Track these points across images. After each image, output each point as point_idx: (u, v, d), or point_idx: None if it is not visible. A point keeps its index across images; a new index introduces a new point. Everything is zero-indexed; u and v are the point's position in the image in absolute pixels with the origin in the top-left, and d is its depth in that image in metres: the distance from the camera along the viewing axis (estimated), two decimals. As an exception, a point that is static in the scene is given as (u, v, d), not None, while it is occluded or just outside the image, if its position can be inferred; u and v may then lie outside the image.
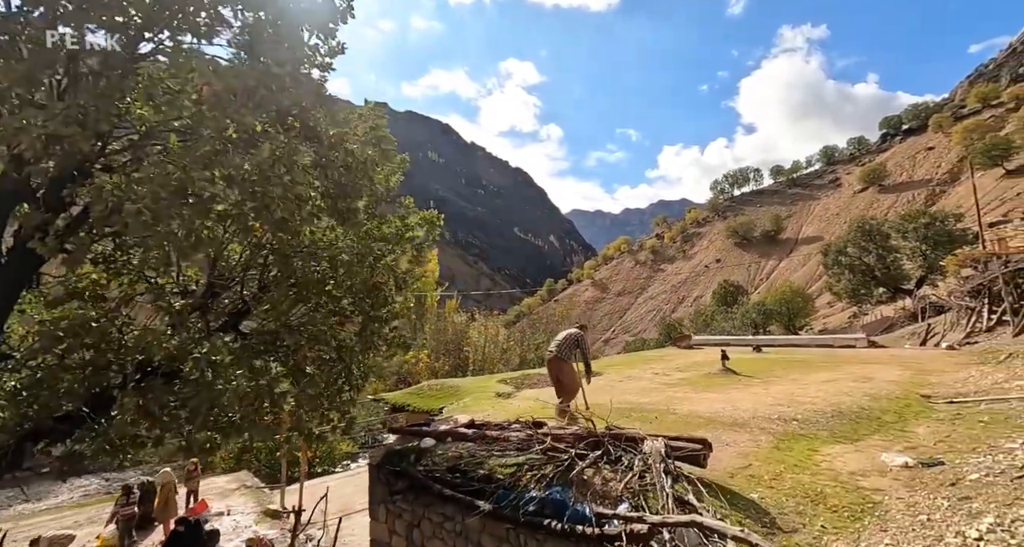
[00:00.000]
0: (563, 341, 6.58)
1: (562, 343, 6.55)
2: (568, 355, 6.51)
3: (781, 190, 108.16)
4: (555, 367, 6.49)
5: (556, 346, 6.54)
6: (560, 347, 6.52)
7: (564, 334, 6.69)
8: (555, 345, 6.57)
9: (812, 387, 8.04)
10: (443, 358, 32.81)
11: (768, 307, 40.10)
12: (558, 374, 6.48)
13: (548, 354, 6.57)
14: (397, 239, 6.57)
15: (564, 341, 6.57)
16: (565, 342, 6.55)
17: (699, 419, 5.99)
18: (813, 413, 6.07)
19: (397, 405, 9.00)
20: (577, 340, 6.60)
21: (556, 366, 6.47)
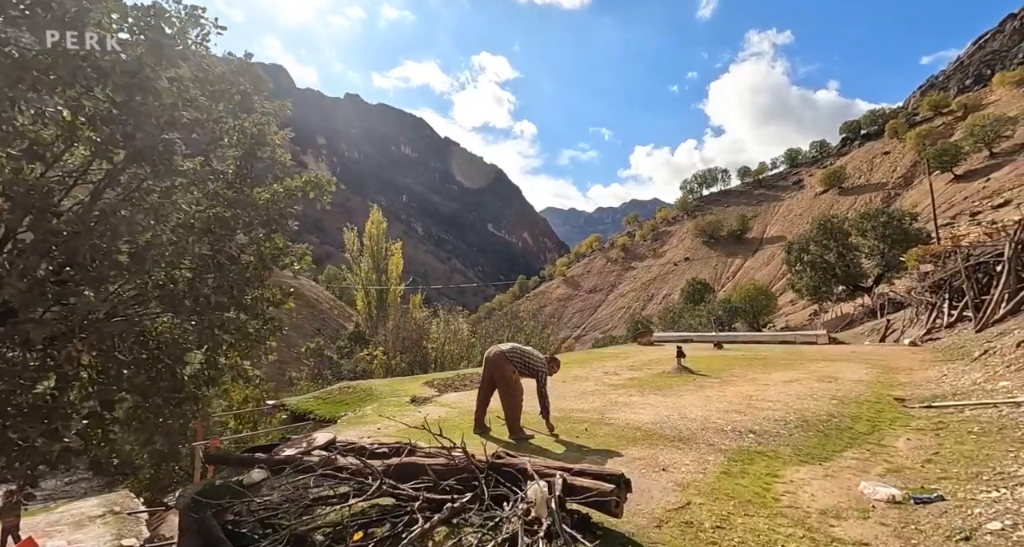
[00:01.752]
0: (523, 353, 5.17)
1: (521, 354, 5.15)
2: (520, 363, 5.08)
3: (747, 191, 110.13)
4: (495, 367, 5.12)
5: (510, 350, 5.16)
6: (516, 353, 5.12)
7: (530, 351, 5.24)
8: (510, 347, 5.22)
9: (773, 388, 7.05)
10: (400, 355, 31.25)
11: (734, 305, 40.18)
12: (492, 371, 5.11)
13: (491, 350, 5.23)
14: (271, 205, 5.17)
15: (523, 353, 5.17)
16: (525, 355, 5.15)
17: (636, 432, 4.84)
18: (773, 423, 5.01)
19: (299, 412, 7.61)
20: (537, 372, 5.13)
21: (496, 366, 5.10)
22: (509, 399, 4.97)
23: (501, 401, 5.01)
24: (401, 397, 7.28)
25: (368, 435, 4.81)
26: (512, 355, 5.08)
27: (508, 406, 4.98)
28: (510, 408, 4.97)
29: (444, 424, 5.40)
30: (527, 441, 4.71)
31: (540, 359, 5.24)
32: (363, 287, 42.63)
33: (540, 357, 5.27)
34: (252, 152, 5.29)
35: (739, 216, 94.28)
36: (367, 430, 5.02)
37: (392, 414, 6.04)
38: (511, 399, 4.97)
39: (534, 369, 5.11)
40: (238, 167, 5.31)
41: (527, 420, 5.37)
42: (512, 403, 4.97)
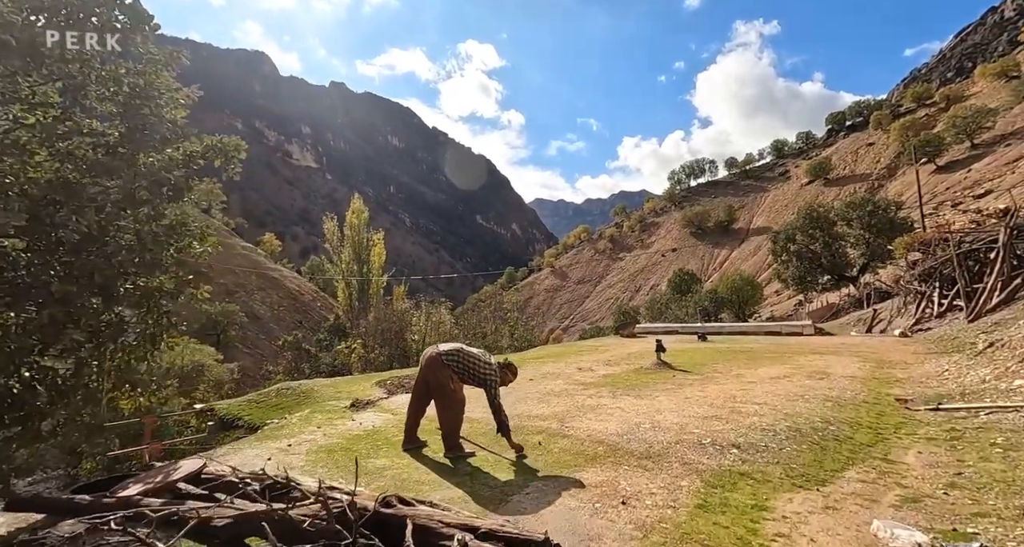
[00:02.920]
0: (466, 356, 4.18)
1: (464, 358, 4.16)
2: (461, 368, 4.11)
3: (734, 182, 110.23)
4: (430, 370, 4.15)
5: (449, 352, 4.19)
6: (456, 356, 4.15)
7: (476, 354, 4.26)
8: (456, 347, 4.26)
9: (759, 387, 6.31)
10: (379, 349, 30.31)
11: (720, 295, 39.90)
12: (427, 375, 4.15)
13: (433, 348, 4.25)
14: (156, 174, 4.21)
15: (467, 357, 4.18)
16: (468, 359, 4.16)
17: (598, 447, 4.03)
18: (760, 433, 4.24)
19: (228, 418, 6.71)
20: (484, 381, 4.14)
21: (431, 369, 4.13)
22: (445, 411, 4.10)
23: (437, 411, 4.14)
24: (341, 401, 6.40)
25: (271, 455, 3.94)
26: (451, 359, 4.13)
27: (444, 418, 4.11)
28: (447, 420, 4.10)
29: (375, 437, 4.55)
30: (465, 460, 3.87)
31: (489, 365, 4.21)
32: (344, 278, 41.47)
33: (489, 363, 4.25)
34: (133, 107, 4.31)
35: (726, 207, 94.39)
36: (273, 449, 4.15)
37: (320, 423, 5.17)
38: (447, 411, 4.09)
39: (480, 377, 4.13)
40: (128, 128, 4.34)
41: (483, 431, 4.54)
42: (449, 415, 4.09)
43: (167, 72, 4.65)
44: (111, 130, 4.38)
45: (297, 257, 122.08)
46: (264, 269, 71.68)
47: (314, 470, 3.53)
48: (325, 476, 3.41)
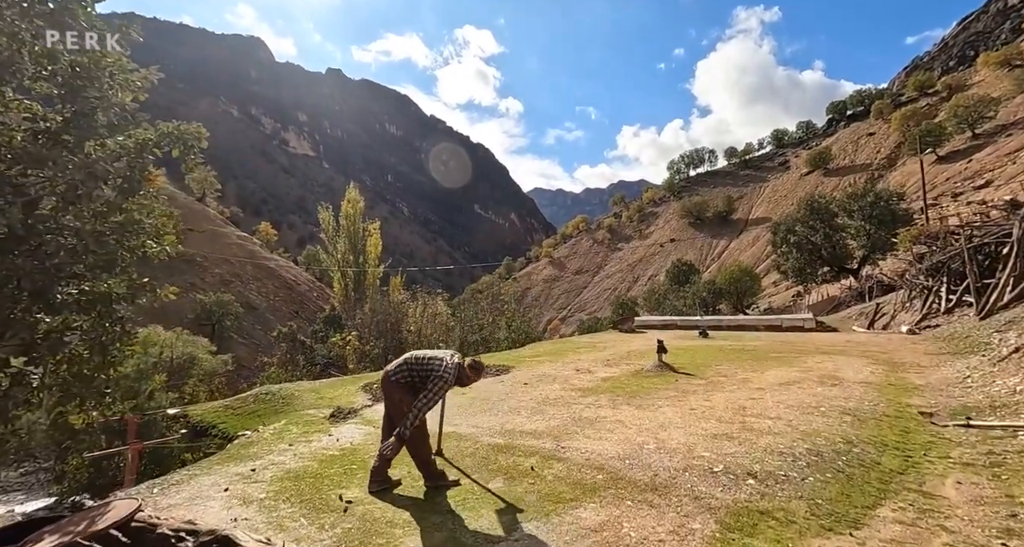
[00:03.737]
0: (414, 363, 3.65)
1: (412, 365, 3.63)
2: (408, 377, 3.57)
3: (734, 172, 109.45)
4: (386, 396, 3.69)
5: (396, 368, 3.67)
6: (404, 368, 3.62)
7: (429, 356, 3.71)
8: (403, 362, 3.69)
9: (769, 396, 5.89)
10: (375, 341, 29.91)
11: (718, 286, 39.64)
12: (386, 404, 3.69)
13: (385, 372, 3.71)
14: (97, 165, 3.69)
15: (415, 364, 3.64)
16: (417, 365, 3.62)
17: (598, 474, 3.59)
18: (778, 457, 3.80)
19: (201, 426, 6.27)
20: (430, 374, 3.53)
21: (386, 394, 3.67)
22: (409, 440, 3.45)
23: None
24: (322, 409, 5.96)
25: (229, 485, 3.49)
26: (399, 373, 3.60)
27: (409, 447, 3.51)
28: (413, 448, 3.53)
29: (351, 459, 4.11)
30: (445, 490, 3.42)
31: (440, 361, 3.61)
32: (339, 269, 40.93)
33: (442, 359, 3.65)
34: (74, 89, 3.78)
35: (725, 197, 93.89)
36: (233, 475, 3.70)
37: (294, 439, 4.73)
38: (411, 440, 3.46)
39: (427, 373, 3.55)
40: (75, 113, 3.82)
41: (470, 451, 4.11)
42: (413, 443, 3.51)
43: (118, 49, 4.12)
44: (53, 115, 3.86)
45: (294, 246, 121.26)
46: (260, 259, 71.08)
47: (275, 505, 3.09)
48: (286, 515, 2.97)
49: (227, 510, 2.98)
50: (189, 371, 23.73)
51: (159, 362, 19.12)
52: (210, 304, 48.28)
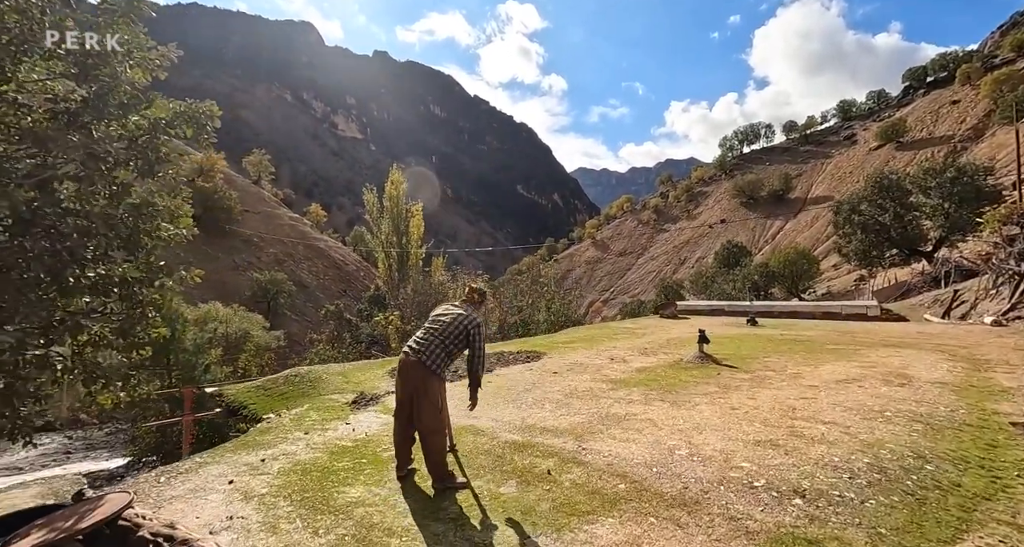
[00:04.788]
0: (444, 326, 3.40)
1: (438, 333, 3.37)
2: (439, 360, 3.31)
3: (793, 147, 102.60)
4: (411, 378, 3.32)
5: (423, 338, 3.40)
6: (429, 342, 3.35)
7: (451, 311, 3.50)
8: (428, 332, 3.42)
9: (824, 395, 5.28)
10: (415, 321, 30.47)
11: (771, 269, 37.55)
12: (412, 392, 3.30)
13: (405, 347, 3.43)
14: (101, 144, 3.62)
15: (446, 326, 3.39)
16: (446, 329, 3.38)
17: (620, 483, 3.25)
18: (832, 473, 3.31)
19: (234, 405, 6.44)
20: (467, 329, 3.40)
21: (414, 376, 3.31)
22: (431, 436, 3.27)
23: (420, 435, 3.33)
24: (345, 394, 5.92)
25: (235, 477, 3.41)
26: (428, 353, 3.28)
27: (431, 443, 3.26)
28: (434, 445, 3.27)
29: (362, 451, 3.96)
30: (453, 495, 3.19)
31: (462, 318, 3.43)
32: (383, 250, 41.90)
33: (460, 314, 3.46)
34: (86, 68, 3.70)
35: (781, 175, 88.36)
36: (242, 465, 3.63)
37: (311, 426, 4.67)
38: (434, 436, 3.28)
39: (461, 332, 3.38)
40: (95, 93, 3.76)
41: (486, 448, 3.88)
42: (436, 440, 3.29)
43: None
44: (73, 95, 3.81)
45: (344, 227, 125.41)
46: (310, 239, 74.03)
47: (275, 502, 2.96)
48: (284, 514, 2.83)
49: (226, 506, 2.89)
50: (243, 346, 25.06)
51: (214, 337, 20.21)
52: (265, 282, 51.00)
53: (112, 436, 23.75)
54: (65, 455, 21.67)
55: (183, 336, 17.17)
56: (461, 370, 7.26)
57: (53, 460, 20.38)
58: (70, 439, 24.29)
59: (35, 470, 18.86)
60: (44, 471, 18.65)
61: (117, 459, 18.91)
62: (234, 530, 2.58)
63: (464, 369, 6.70)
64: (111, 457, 18.99)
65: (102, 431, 24.91)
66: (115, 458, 18.83)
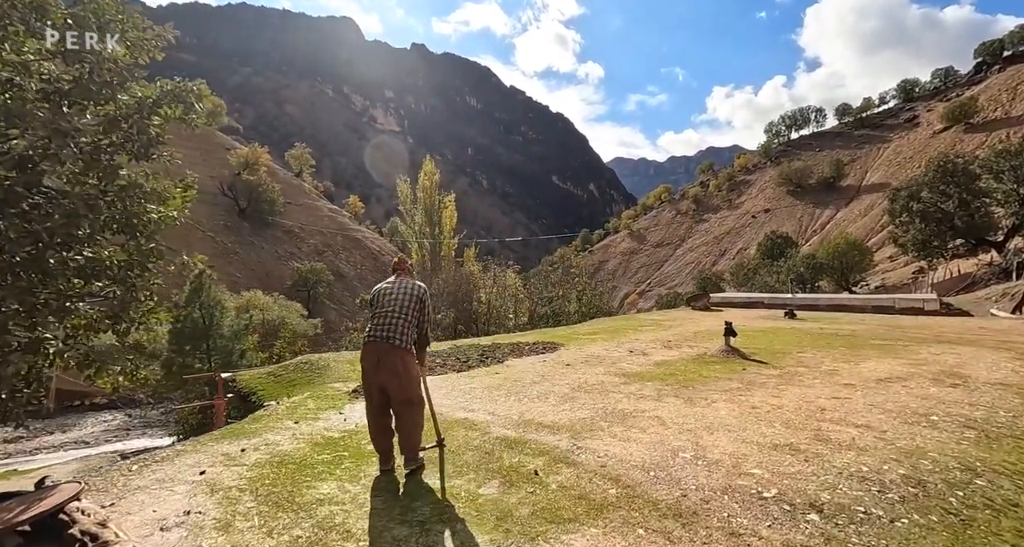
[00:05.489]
0: (399, 303, 3.31)
1: (399, 313, 3.27)
2: (408, 337, 3.25)
3: (846, 132, 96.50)
4: (384, 363, 3.18)
5: (387, 322, 3.24)
6: (394, 323, 3.23)
7: (397, 287, 3.42)
8: (388, 315, 3.28)
9: (860, 396, 4.75)
10: (444, 311, 30.64)
11: (819, 261, 35.53)
12: (391, 376, 3.16)
13: (371, 336, 3.25)
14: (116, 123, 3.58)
15: (400, 302, 3.32)
16: (402, 305, 3.31)
17: (611, 487, 2.93)
18: (858, 484, 2.88)
19: (245, 391, 6.51)
20: (420, 297, 3.43)
21: (392, 360, 3.18)
22: (413, 418, 3.20)
23: (397, 421, 3.23)
24: (349, 382, 5.83)
25: (208, 467, 3.31)
26: (402, 334, 3.23)
27: (412, 427, 3.19)
28: (414, 430, 3.21)
29: (346, 444, 3.83)
30: (424, 500, 2.93)
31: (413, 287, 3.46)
32: (416, 240, 42.37)
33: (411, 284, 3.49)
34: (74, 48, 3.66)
35: (832, 161, 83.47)
36: (220, 455, 3.52)
37: (303, 415, 4.58)
38: (415, 418, 3.21)
39: (420, 299, 3.45)
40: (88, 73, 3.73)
41: (475, 444, 3.66)
42: (416, 422, 3.22)
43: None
44: (65, 75, 3.79)
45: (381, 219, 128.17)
46: (348, 230, 75.97)
47: (240, 497, 2.83)
48: (244, 511, 2.70)
49: (188, 499, 2.77)
50: (279, 332, 25.95)
51: (250, 324, 20.97)
52: (305, 272, 52.83)
53: (166, 415, 25.30)
54: (125, 431, 23.28)
55: (221, 322, 17.84)
56: (461, 366, 7.07)
57: (115, 436, 21.91)
58: (130, 417, 26.06)
59: (99, 444, 20.35)
60: (106, 445, 20.09)
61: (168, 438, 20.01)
62: (186, 526, 2.45)
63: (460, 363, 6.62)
64: (164, 435, 20.18)
65: (155, 410, 26.59)
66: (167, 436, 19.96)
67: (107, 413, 27.24)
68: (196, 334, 16.93)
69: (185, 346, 16.44)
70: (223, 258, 52.13)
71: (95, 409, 28.59)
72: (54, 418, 26.02)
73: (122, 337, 4.20)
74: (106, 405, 29.30)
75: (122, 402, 29.55)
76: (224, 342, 17.55)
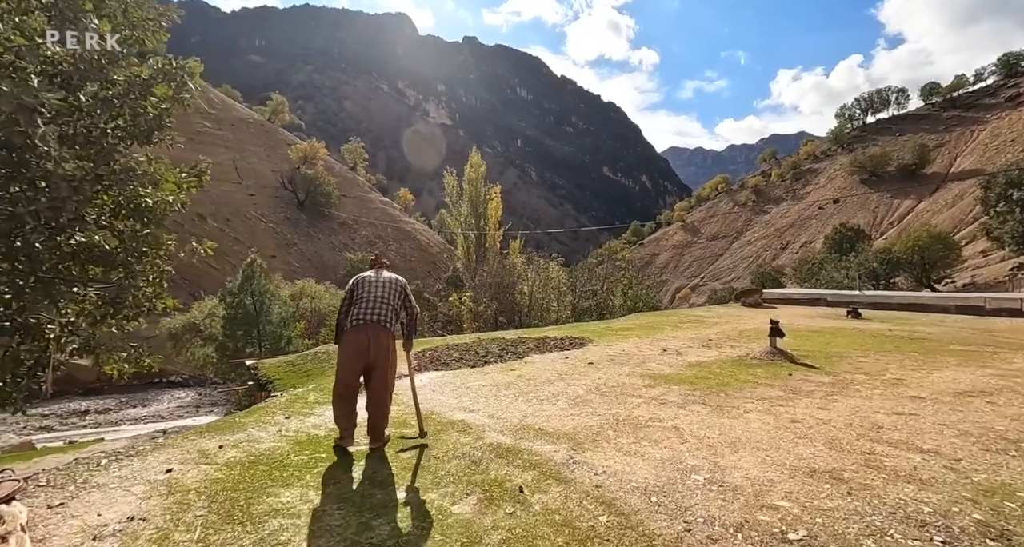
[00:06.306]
0: (384, 290, 3.50)
1: (384, 300, 3.45)
2: (395, 322, 3.47)
3: (933, 114, 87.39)
4: (380, 345, 3.34)
5: (375, 307, 3.39)
6: (382, 309, 3.41)
7: (379, 277, 3.58)
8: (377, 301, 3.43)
9: (929, 413, 3.99)
10: (486, 302, 30.59)
11: (895, 255, 32.38)
12: (379, 357, 3.33)
13: (361, 319, 3.37)
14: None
15: (386, 290, 3.51)
16: (387, 293, 3.50)
17: (603, 513, 2.49)
18: (917, 530, 2.28)
19: (264, 379, 6.55)
20: (403, 288, 3.63)
21: (383, 342, 3.35)
22: (387, 395, 3.46)
23: (374, 398, 3.40)
24: (359, 373, 5.68)
25: (176, 465, 3.17)
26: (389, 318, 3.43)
27: (384, 403, 3.43)
28: (389, 402, 3.48)
29: (325, 444, 3.59)
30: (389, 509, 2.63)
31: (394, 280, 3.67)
32: (462, 232, 42.76)
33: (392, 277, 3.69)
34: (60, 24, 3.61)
35: (915, 146, 76.00)
36: (195, 451, 3.36)
37: (298, 410, 4.44)
38: (389, 394, 3.48)
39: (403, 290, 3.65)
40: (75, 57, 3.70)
41: (461, 448, 3.36)
42: (389, 403, 3.50)
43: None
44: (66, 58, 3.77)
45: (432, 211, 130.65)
46: (399, 222, 78.00)
47: (194, 502, 2.64)
48: (189, 520, 2.50)
49: (141, 502, 2.60)
50: (326, 320, 26.95)
51: (297, 311, 21.78)
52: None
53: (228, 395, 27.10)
54: (195, 408, 25.14)
55: (271, 310, 18.61)
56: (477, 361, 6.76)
57: (186, 412, 23.72)
58: (199, 395, 28.18)
59: (172, 419, 22.08)
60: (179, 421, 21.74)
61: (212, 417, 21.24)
62: (122, 536, 2.27)
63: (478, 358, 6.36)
64: (222, 413, 21.53)
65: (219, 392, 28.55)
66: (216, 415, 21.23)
67: (180, 391, 29.64)
68: (248, 320, 17.74)
69: (237, 331, 17.29)
70: (283, 249, 55.02)
71: (171, 386, 31.22)
72: (136, 394, 28.66)
73: (120, 323, 4.19)
74: (180, 383, 31.88)
75: (193, 381, 31.94)
76: (273, 329, 18.31)
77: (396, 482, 2.91)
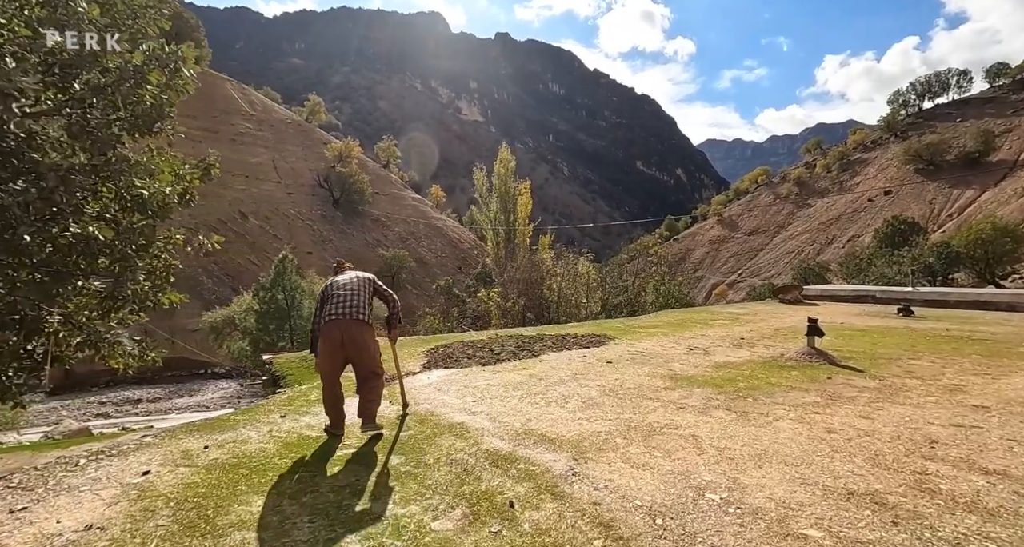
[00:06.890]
0: (354, 286, 3.67)
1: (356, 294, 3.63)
2: (369, 314, 3.63)
3: (999, 97, 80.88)
4: (357, 337, 3.50)
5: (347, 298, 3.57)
6: (356, 302, 3.57)
7: (346, 277, 3.78)
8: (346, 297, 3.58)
9: (995, 425, 3.46)
10: (514, 298, 30.37)
11: (954, 249, 30.09)
12: (359, 349, 3.51)
13: (332, 315, 3.53)
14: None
15: (355, 285, 3.68)
16: (357, 287, 3.67)
17: (599, 539, 2.18)
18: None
19: (277, 374, 6.52)
20: (372, 282, 3.83)
21: (359, 334, 3.52)
22: (378, 376, 3.62)
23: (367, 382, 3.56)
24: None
25: (156, 467, 3.05)
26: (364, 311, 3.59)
27: (376, 386, 3.58)
28: (378, 386, 3.61)
29: (312, 447, 3.42)
30: (369, 518, 2.43)
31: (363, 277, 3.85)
32: (491, 227, 42.71)
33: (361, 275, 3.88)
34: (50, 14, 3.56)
35: (979, 132, 70.58)
36: (178, 452, 3.23)
37: (295, 409, 4.32)
38: (379, 376, 3.64)
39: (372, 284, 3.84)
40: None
41: (455, 453, 3.13)
42: (380, 380, 3.65)
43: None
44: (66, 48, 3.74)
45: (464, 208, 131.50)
46: (430, 219, 78.87)
47: (159, 510, 2.49)
48: (148, 532, 2.35)
49: (106, 508, 2.47)
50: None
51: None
52: (389, 258, 55.85)
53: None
54: (237, 399, 26.19)
55: (302, 304, 18.99)
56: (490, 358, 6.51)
57: (229, 402, 24.73)
58: (241, 386, 29.33)
59: (215, 409, 23.09)
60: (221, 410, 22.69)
61: None
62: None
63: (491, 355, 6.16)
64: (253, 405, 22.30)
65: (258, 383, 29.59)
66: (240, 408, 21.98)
67: (224, 382, 30.94)
68: (280, 315, 18.16)
69: (270, 326, 17.72)
70: (319, 245, 56.55)
71: (215, 377, 32.66)
72: (184, 383, 30.15)
73: (116, 315, 4.15)
74: (223, 375, 33.26)
75: (235, 373, 33.25)
76: (304, 323, 18.68)
77: (377, 492, 2.69)
